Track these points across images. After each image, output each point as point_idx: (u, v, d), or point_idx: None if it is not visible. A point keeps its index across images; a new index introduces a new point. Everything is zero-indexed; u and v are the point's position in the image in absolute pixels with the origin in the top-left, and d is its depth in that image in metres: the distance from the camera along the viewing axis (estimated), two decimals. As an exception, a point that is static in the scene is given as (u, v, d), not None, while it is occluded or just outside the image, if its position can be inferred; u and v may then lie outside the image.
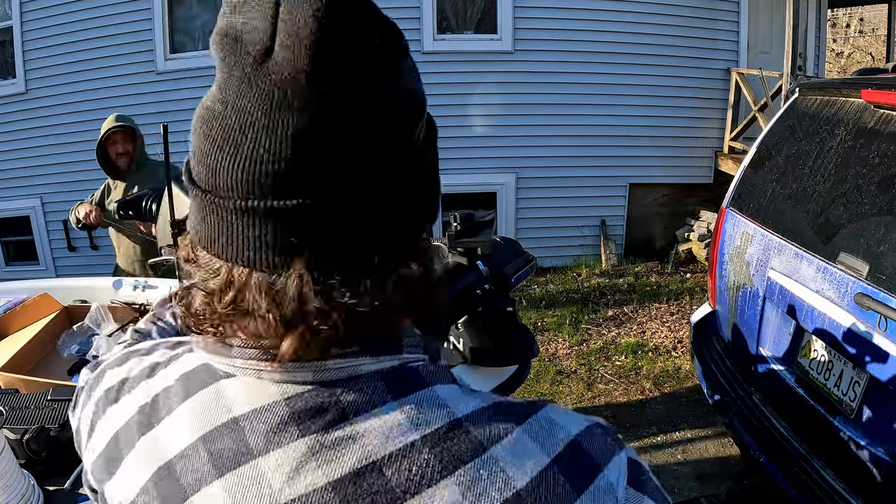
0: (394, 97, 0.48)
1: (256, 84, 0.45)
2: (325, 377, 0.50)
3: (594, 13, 6.61)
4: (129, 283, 2.14)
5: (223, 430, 0.51)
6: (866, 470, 2.01)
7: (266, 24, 0.44)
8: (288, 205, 0.46)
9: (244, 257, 0.47)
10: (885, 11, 10.88)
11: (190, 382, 0.56)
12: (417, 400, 0.50)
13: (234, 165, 0.46)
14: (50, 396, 1.31)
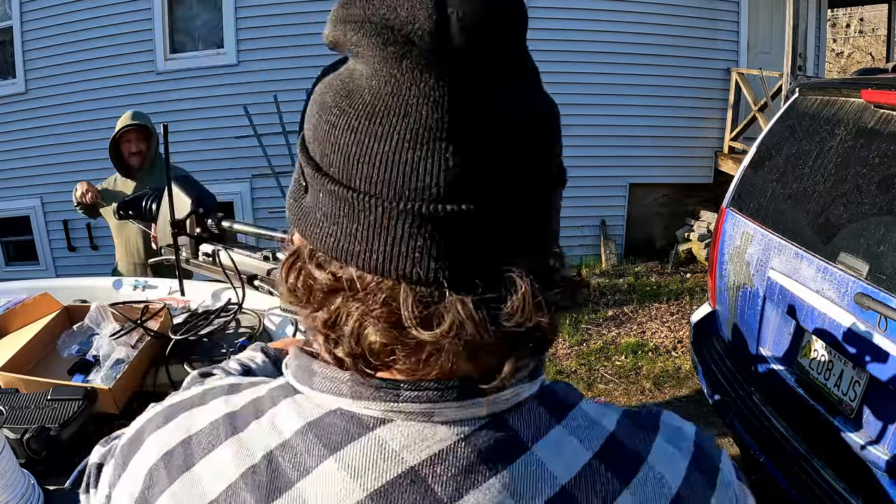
0: (546, 97, 0.47)
1: (435, 82, 0.41)
2: (497, 409, 0.48)
3: (594, 13, 6.62)
4: (129, 282, 2.15)
5: (400, 484, 0.46)
6: (866, 470, 2.02)
7: (429, 12, 0.41)
8: (498, 204, 0.43)
9: (448, 272, 0.42)
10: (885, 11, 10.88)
11: (328, 435, 0.48)
12: (576, 421, 0.50)
13: (439, 165, 0.41)
14: (50, 396, 1.31)
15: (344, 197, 0.43)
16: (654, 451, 0.50)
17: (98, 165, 6.95)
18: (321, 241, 0.45)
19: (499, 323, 0.43)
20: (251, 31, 6.55)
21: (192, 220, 1.81)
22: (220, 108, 6.48)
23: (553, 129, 0.46)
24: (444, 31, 0.41)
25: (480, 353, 0.45)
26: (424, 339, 0.43)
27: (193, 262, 1.92)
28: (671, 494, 0.49)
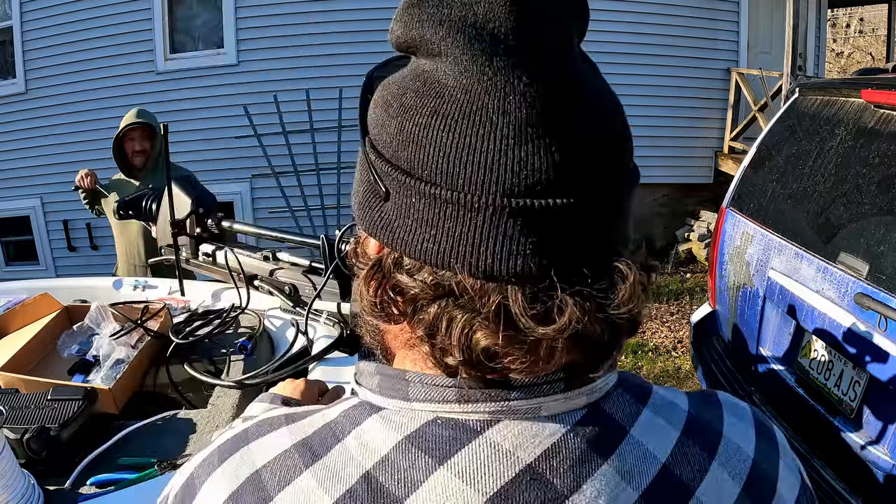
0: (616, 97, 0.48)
1: (529, 79, 0.41)
2: (593, 398, 0.49)
3: (594, 13, 6.44)
4: (130, 282, 2.15)
5: (520, 482, 0.45)
6: (866, 470, 2.01)
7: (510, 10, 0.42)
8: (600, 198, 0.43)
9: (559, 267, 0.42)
10: (885, 11, 10.88)
11: (433, 445, 0.46)
12: (656, 403, 0.52)
13: (543, 160, 0.41)
14: (50, 396, 1.31)
15: (447, 199, 0.42)
16: (727, 426, 0.53)
17: (98, 165, 6.93)
18: (414, 249, 0.44)
19: (607, 313, 0.43)
20: (251, 31, 6.54)
21: (192, 220, 1.81)
22: (220, 108, 6.48)
23: (627, 128, 0.47)
24: (527, 28, 0.42)
25: (589, 345, 0.45)
26: (542, 336, 0.43)
27: (193, 262, 1.92)
28: (750, 461, 0.52)
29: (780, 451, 0.56)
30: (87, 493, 1.17)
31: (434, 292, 0.44)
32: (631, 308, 0.44)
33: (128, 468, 1.23)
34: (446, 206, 0.42)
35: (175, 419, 1.37)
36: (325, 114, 6.20)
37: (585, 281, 0.43)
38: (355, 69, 6.52)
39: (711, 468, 0.50)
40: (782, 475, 0.54)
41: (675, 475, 0.48)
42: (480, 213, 0.42)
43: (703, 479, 0.49)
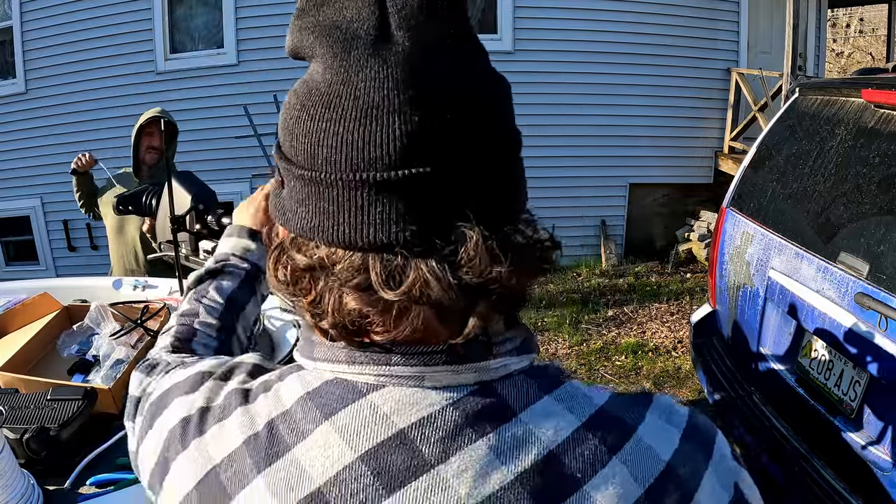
0: (491, 71, 0.51)
1: (381, 66, 0.46)
2: (486, 377, 0.51)
3: (594, 13, 6.61)
4: (129, 282, 2.15)
5: (389, 446, 0.49)
6: (866, 470, 2.01)
7: (371, 9, 0.47)
8: (445, 166, 0.46)
9: (406, 234, 0.46)
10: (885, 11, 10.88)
11: (324, 402, 0.51)
12: (565, 394, 0.53)
13: (384, 137, 0.46)
14: (50, 396, 1.31)
15: (310, 179, 0.48)
16: (644, 425, 0.52)
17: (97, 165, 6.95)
18: (297, 226, 0.50)
19: (459, 277, 0.46)
20: (251, 31, 6.54)
21: (191, 216, 1.81)
22: (220, 108, 6.48)
23: (493, 102, 0.50)
24: (385, 23, 0.47)
25: (449, 313, 0.48)
26: (391, 299, 0.46)
27: (193, 258, 1.91)
28: (661, 464, 0.50)
29: (711, 463, 0.52)
30: (87, 493, 1.17)
31: (315, 263, 0.49)
32: (481, 270, 0.46)
33: (128, 468, 1.22)
34: (311, 185, 0.48)
35: (175, 419, 1.37)
36: (325, 114, 6.20)
37: (434, 247, 0.46)
38: (355, 69, 6.52)
39: (610, 464, 0.49)
40: (706, 487, 0.51)
41: (564, 464, 0.49)
42: (335, 188, 0.47)
43: (596, 472, 0.49)
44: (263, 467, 0.51)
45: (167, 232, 1.80)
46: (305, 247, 0.50)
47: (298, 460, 0.50)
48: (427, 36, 0.47)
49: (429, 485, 0.48)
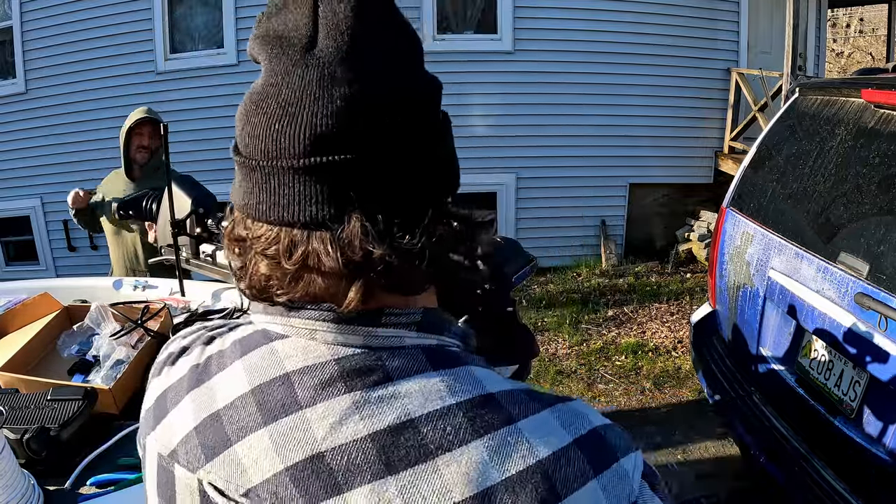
0: (417, 72, 0.57)
1: (306, 67, 0.53)
2: (373, 343, 0.56)
3: (594, 13, 6.61)
4: (130, 282, 2.15)
5: (274, 384, 0.57)
6: (866, 470, 2.01)
7: (307, 21, 0.54)
8: (341, 158, 0.53)
9: (306, 214, 0.54)
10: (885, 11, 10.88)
11: (245, 344, 0.61)
12: (455, 373, 0.56)
13: (294, 131, 0.53)
14: (50, 396, 1.31)
15: (241, 164, 0.57)
16: (531, 419, 0.53)
17: (98, 165, 6.94)
18: (237, 204, 0.59)
19: (344, 253, 0.53)
20: (250, 31, 6.52)
21: (192, 220, 1.81)
22: (220, 108, 6.47)
23: (414, 105, 0.56)
24: (315, 32, 0.54)
25: (337, 283, 0.55)
26: (287, 267, 0.55)
27: (194, 261, 1.92)
28: (534, 459, 0.50)
29: (605, 474, 0.51)
30: (87, 493, 1.17)
31: (246, 234, 0.57)
32: (361, 244, 0.52)
33: (128, 468, 1.23)
34: (242, 169, 0.57)
35: (175, 419, 1.37)
36: (325, 114, 6.19)
37: (326, 226, 0.53)
38: (355, 69, 6.51)
39: (472, 444, 0.51)
40: (579, 496, 0.50)
41: (421, 433, 0.51)
42: (256, 172, 0.55)
43: (451, 449, 0.51)
44: (192, 388, 0.62)
45: (168, 236, 1.81)
46: (242, 223, 0.58)
47: (213, 387, 0.61)
48: (350, 44, 0.53)
49: (294, 423, 0.55)
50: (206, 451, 0.58)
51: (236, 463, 0.56)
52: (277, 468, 0.54)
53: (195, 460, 0.59)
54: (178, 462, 0.61)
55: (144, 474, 0.67)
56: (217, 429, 0.58)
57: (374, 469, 0.51)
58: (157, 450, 0.63)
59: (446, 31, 6.58)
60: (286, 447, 0.54)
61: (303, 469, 0.53)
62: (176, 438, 0.61)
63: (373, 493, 0.51)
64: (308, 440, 0.54)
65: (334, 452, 0.52)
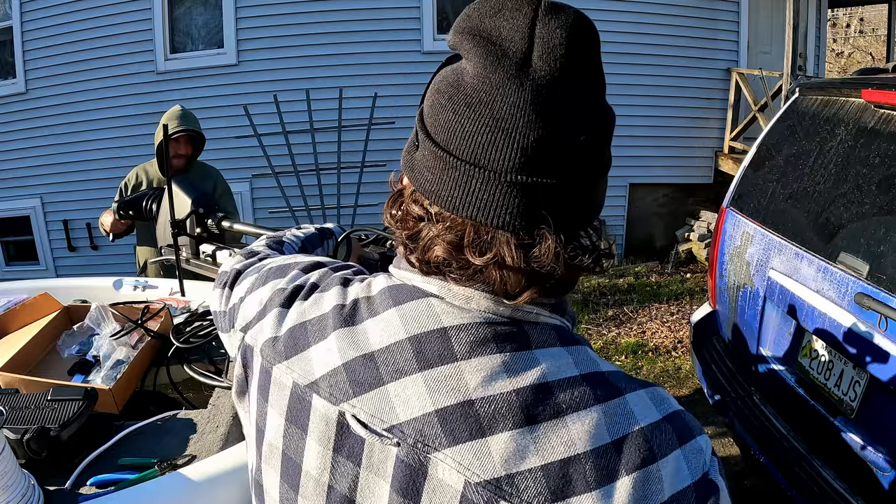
0: (607, 110, 0.62)
1: (520, 86, 0.56)
2: (517, 315, 0.63)
3: (594, 13, 6.58)
4: (130, 282, 2.15)
5: (432, 336, 0.63)
6: (866, 470, 2.01)
7: (524, 35, 0.57)
8: (544, 181, 0.57)
9: (499, 221, 0.58)
10: (885, 11, 10.88)
11: (397, 294, 0.67)
12: (577, 351, 0.64)
13: (506, 146, 0.57)
14: (50, 396, 1.31)
15: (441, 156, 0.60)
16: (633, 394, 0.62)
17: (98, 165, 6.95)
18: (420, 185, 0.62)
19: (529, 262, 0.59)
20: (251, 31, 6.54)
21: (192, 220, 1.81)
22: (220, 108, 6.47)
23: (596, 134, 0.60)
24: (530, 50, 0.57)
25: (512, 284, 0.60)
26: (474, 262, 0.60)
27: (194, 262, 1.92)
28: (636, 425, 0.59)
29: (686, 446, 0.60)
30: (87, 493, 1.17)
31: (424, 214, 0.62)
32: (546, 264, 0.58)
33: (128, 468, 1.23)
34: (440, 161, 0.60)
35: (175, 419, 1.37)
36: (325, 114, 6.19)
37: (518, 235, 0.58)
38: (355, 69, 6.51)
39: (592, 408, 0.60)
40: (671, 463, 0.58)
41: (554, 394, 0.60)
42: (457, 169, 0.59)
43: (578, 410, 0.59)
44: (338, 327, 0.68)
45: (168, 236, 1.81)
46: (421, 200, 0.63)
47: (366, 329, 0.66)
48: (561, 70, 0.57)
49: (451, 372, 0.61)
50: (356, 386, 0.64)
51: (385, 400, 0.63)
52: (427, 409, 0.61)
53: (340, 393, 0.65)
54: (317, 393, 0.66)
55: (254, 394, 0.73)
56: (370, 368, 0.64)
57: (516, 419, 0.59)
58: (293, 378, 0.68)
59: (446, 31, 6.58)
60: (439, 391, 0.61)
61: (452, 412, 0.60)
62: (319, 371, 0.67)
63: (512, 439, 0.58)
64: (461, 388, 0.60)
65: (483, 401, 0.60)
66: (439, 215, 0.61)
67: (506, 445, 0.58)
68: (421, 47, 6.52)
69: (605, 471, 0.57)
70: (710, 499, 0.59)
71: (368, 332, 0.66)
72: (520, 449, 0.58)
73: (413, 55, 6.61)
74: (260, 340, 0.74)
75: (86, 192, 6.69)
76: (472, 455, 0.59)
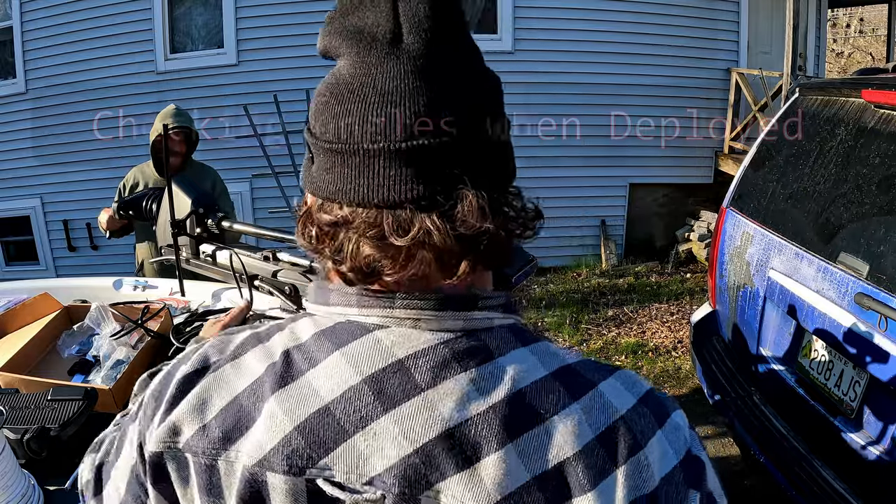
0: (484, 66, 0.62)
1: (398, 59, 0.57)
2: (471, 326, 0.60)
3: (594, 13, 6.61)
4: (130, 282, 2.15)
5: (388, 371, 0.59)
6: (866, 470, 2.01)
7: (389, 18, 0.57)
8: (445, 140, 0.56)
9: (414, 193, 0.56)
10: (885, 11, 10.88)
11: (336, 336, 0.61)
12: (538, 348, 0.62)
13: (398, 116, 0.56)
14: (50, 396, 1.31)
15: (337, 150, 0.59)
16: (605, 383, 0.61)
17: (98, 165, 6.95)
18: (323, 191, 0.60)
19: (455, 228, 0.56)
20: (251, 31, 6.54)
21: (192, 220, 1.81)
22: (220, 108, 6.47)
23: (487, 91, 0.61)
24: (398, 28, 0.57)
25: (447, 259, 0.58)
26: (400, 245, 0.56)
27: (194, 262, 1.92)
28: (616, 415, 0.59)
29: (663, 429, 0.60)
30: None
31: (338, 220, 0.59)
32: (473, 224, 0.56)
33: (128, 468, 1.22)
34: (337, 155, 0.59)
35: (175, 419, 1.36)
36: (325, 114, 6.19)
37: (437, 204, 0.56)
38: (355, 69, 6.50)
39: (571, 406, 0.58)
40: (655, 446, 0.58)
41: (531, 401, 0.58)
42: (356, 156, 0.58)
43: (557, 412, 0.58)
44: (277, 389, 0.60)
45: (168, 236, 1.81)
46: (330, 208, 0.60)
47: (310, 382, 0.60)
48: (433, 39, 0.57)
49: (419, 405, 0.58)
50: (318, 447, 0.58)
51: (357, 453, 0.58)
52: (406, 451, 0.57)
53: (301, 461, 0.59)
54: (271, 469, 0.59)
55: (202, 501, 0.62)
56: (329, 423, 0.59)
57: (500, 438, 0.56)
58: (243, 462, 0.60)
59: (446, 31, 6.59)
60: (413, 429, 0.57)
61: (433, 447, 0.57)
62: (268, 444, 0.59)
63: (500, 460, 0.56)
64: (435, 419, 0.57)
65: (462, 428, 0.57)
66: (353, 214, 0.58)
67: (496, 468, 0.56)
68: (421, 47, 6.53)
69: (597, 469, 0.56)
70: (698, 475, 0.59)
71: (314, 384, 0.60)
72: (510, 468, 0.56)
73: (413, 55, 6.60)
74: (181, 439, 0.62)
75: (86, 192, 6.68)
76: (463, 487, 0.56)
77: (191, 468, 0.62)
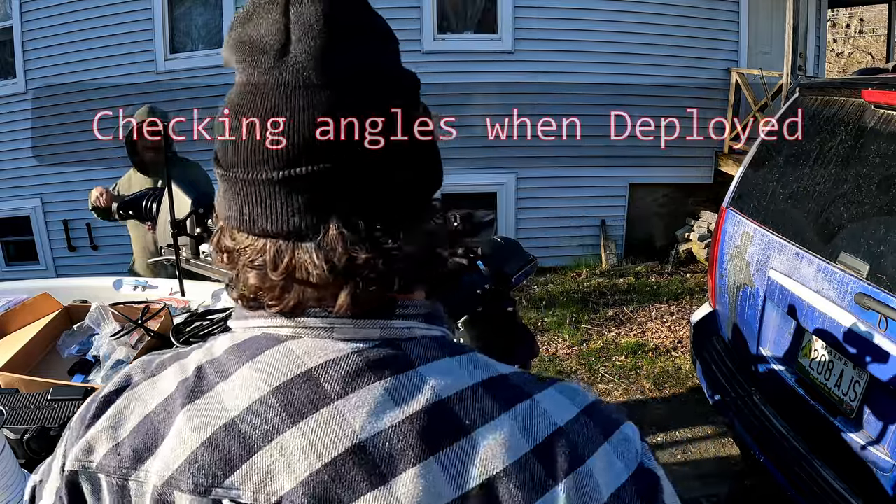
0: (394, 73, 0.57)
1: (281, 75, 0.52)
2: (390, 335, 0.57)
3: (594, 13, 6.61)
4: (130, 282, 2.15)
5: (297, 381, 0.55)
6: (866, 470, 2.01)
7: (279, 28, 0.53)
8: (318, 168, 0.52)
9: (288, 225, 0.53)
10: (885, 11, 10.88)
11: (248, 348, 0.58)
12: (466, 358, 0.58)
13: (278, 141, 0.52)
14: (50, 396, 1.31)
15: (224, 177, 0.56)
16: (543, 394, 0.57)
17: (98, 165, 6.94)
18: (221, 215, 0.58)
19: (329, 260, 0.53)
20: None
21: (192, 219, 1.81)
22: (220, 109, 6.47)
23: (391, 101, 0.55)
24: (287, 37, 0.53)
25: (322, 293, 0.55)
26: (274, 279, 0.54)
27: (194, 261, 1.91)
28: (553, 426, 0.54)
29: (610, 441, 0.55)
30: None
31: (234, 246, 0.57)
32: (344, 250, 0.53)
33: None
34: (225, 181, 0.57)
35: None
36: (325, 114, 6.19)
37: (307, 236, 0.53)
38: (355, 69, 6.51)
39: (500, 418, 0.54)
40: (600, 458, 0.54)
41: (454, 412, 0.54)
42: (238, 184, 0.55)
43: (485, 423, 0.53)
44: (186, 403, 0.58)
45: (168, 236, 1.81)
46: (231, 232, 0.58)
47: (219, 396, 0.57)
48: (324, 47, 0.53)
49: (328, 417, 0.54)
50: (223, 465, 0.55)
51: (264, 471, 0.54)
52: (314, 467, 0.53)
53: (207, 480, 0.55)
54: (178, 489, 0.56)
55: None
56: (234, 438, 0.55)
57: (417, 451, 0.52)
58: (152, 482, 0.57)
59: (446, 31, 6.58)
60: (321, 442, 0.53)
61: (343, 463, 0.53)
62: (175, 462, 0.56)
63: (418, 476, 0.51)
64: (345, 432, 0.53)
65: (375, 440, 0.53)
66: (244, 242, 0.56)
67: (414, 486, 0.51)
68: (421, 47, 6.51)
69: (532, 484, 0.52)
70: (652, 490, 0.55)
71: (223, 398, 0.57)
72: (431, 485, 0.51)
73: (414, 55, 6.60)
74: (95, 458, 0.59)
75: (86, 192, 6.62)
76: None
77: (104, 489, 0.59)
